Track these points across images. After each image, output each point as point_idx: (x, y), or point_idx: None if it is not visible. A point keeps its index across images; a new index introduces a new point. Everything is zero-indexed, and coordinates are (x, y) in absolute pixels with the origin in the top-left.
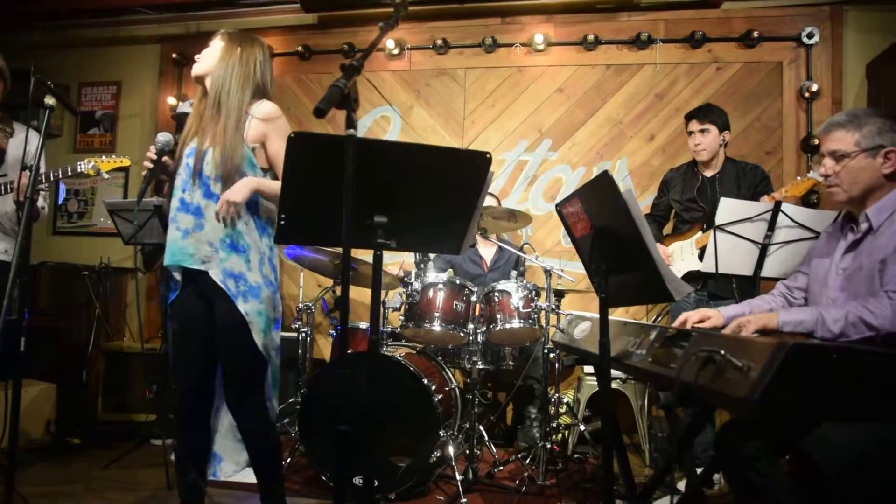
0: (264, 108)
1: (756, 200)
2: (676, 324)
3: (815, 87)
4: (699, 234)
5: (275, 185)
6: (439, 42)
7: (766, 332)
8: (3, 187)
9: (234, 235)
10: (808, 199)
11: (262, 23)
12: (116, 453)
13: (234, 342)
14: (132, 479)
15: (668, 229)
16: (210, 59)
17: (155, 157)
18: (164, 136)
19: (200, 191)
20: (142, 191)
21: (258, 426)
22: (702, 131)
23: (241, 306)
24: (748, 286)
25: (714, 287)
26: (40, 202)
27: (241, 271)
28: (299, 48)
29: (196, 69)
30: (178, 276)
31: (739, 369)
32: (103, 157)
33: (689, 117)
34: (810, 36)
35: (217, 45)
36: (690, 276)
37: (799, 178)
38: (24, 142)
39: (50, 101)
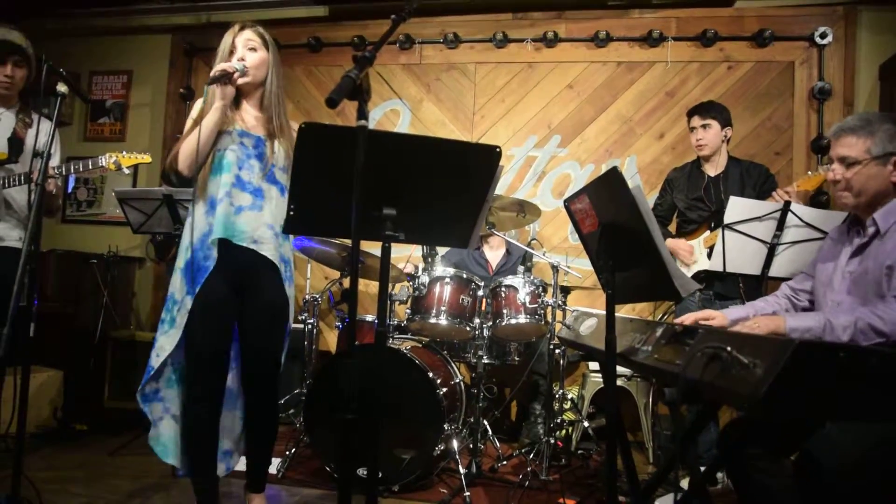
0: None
1: (763, 199)
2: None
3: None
4: (707, 233)
5: None
6: (450, 36)
7: None
8: (20, 177)
9: None
10: (818, 199)
11: (272, 14)
12: (122, 440)
13: (275, 320)
14: (138, 466)
15: (671, 229)
16: (263, 67)
17: (235, 69)
18: (242, 64)
19: (264, 174)
20: (213, 78)
21: (272, 406)
22: (703, 126)
23: (288, 290)
24: (755, 287)
25: (720, 287)
26: (53, 190)
27: (289, 258)
28: (310, 40)
29: (254, 76)
30: (215, 252)
31: (745, 366)
32: (124, 153)
33: (690, 113)
34: (823, 36)
35: (258, 43)
36: (699, 276)
37: (810, 172)
38: (37, 131)
39: (62, 88)
